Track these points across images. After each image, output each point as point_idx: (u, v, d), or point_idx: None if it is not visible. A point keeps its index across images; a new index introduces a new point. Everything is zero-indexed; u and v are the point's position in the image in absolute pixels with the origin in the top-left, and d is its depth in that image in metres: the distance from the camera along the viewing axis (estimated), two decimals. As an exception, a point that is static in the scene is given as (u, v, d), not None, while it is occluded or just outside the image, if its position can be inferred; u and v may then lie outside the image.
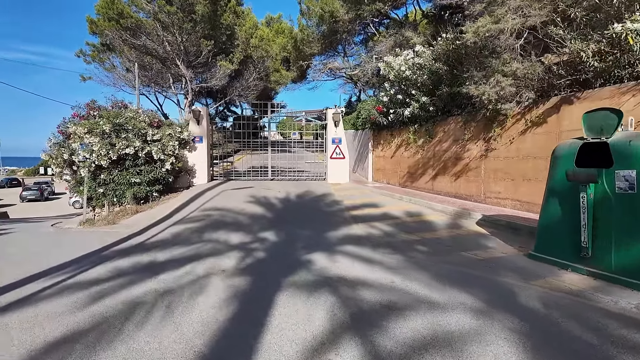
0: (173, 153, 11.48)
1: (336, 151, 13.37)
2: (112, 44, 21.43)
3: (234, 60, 20.58)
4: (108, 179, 10.83)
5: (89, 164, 10.44)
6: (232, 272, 4.66)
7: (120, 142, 10.52)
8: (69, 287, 4.33)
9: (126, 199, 11.12)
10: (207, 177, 13.24)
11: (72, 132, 10.73)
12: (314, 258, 5.19)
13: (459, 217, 7.81)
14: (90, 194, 11.05)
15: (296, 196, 10.77)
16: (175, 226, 7.70)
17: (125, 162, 10.92)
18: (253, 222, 7.85)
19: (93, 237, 7.56)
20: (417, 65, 10.17)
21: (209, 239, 6.50)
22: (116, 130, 10.78)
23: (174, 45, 19.94)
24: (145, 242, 6.60)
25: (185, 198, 10.78)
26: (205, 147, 13.08)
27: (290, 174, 14.70)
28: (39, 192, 31.47)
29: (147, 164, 11.17)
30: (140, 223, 8.66)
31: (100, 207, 11.42)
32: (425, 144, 10.64)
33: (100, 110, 11.62)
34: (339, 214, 8.56)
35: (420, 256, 5.28)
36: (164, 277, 4.52)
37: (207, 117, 13.22)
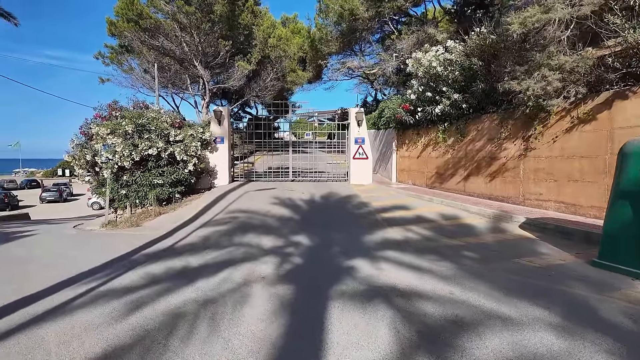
0: (195, 154, 11.29)
1: (359, 151, 13.01)
2: (130, 46, 21.50)
3: (252, 60, 20.41)
4: (130, 180, 10.69)
5: (112, 165, 10.31)
6: (272, 280, 4.36)
7: (143, 143, 10.37)
8: (103, 294, 4.09)
9: (148, 200, 10.97)
10: (228, 178, 13.04)
11: (95, 133, 10.63)
12: (356, 264, 4.86)
13: (499, 220, 7.38)
14: (112, 195, 10.93)
15: (321, 197, 10.46)
16: (203, 229, 7.45)
17: (148, 163, 10.77)
18: (282, 224, 7.57)
19: (119, 239, 7.37)
20: (447, 61, 9.76)
21: (240, 243, 6.23)
22: (139, 131, 10.64)
23: (191, 45, 19.87)
24: (175, 245, 6.36)
25: (209, 200, 10.56)
26: (226, 147, 12.88)
27: (310, 175, 14.40)
28: (58, 194, 31.88)
29: (169, 165, 11.00)
30: (165, 225, 8.45)
31: (122, 208, 11.30)
32: (455, 143, 10.21)
33: (122, 110, 11.52)
34: (369, 217, 8.21)
35: (470, 263, 4.90)
36: (202, 285, 4.24)
37: (228, 118, 13.03)
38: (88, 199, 27.05)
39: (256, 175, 14.09)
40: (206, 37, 19.61)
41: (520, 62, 7.41)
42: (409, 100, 11.26)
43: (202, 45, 19.99)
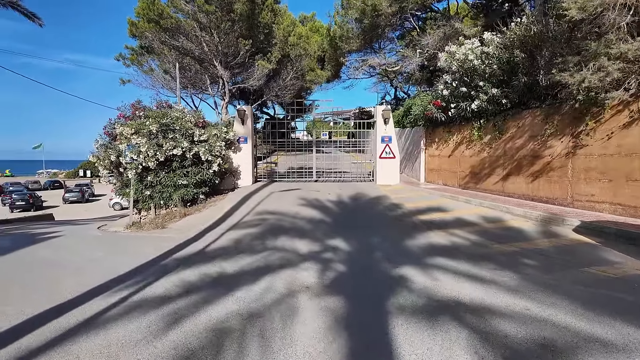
0: (220, 154, 11.03)
1: (386, 150, 12.55)
2: (151, 47, 21.52)
3: (272, 59, 20.13)
4: (155, 181, 10.50)
5: (136, 166, 10.13)
6: (318, 290, 3.98)
7: (167, 143, 10.16)
8: (138, 305, 3.78)
9: (173, 201, 10.77)
10: (251, 179, 12.76)
11: (119, 133, 10.48)
12: (406, 273, 4.43)
13: (548, 223, 6.83)
14: (136, 196, 10.77)
15: (349, 198, 10.05)
16: (233, 232, 7.13)
17: (172, 164, 10.55)
18: (314, 227, 7.19)
19: (146, 242, 7.12)
20: (484, 54, 9.22)
21: (273, 247, 5.88)
22: (163, 131, 10.44)
23: (211, 45, 19.72)
24: (206, 249, 6.05)
25: (234, 201, 10.28)
26: (249, 147, 12.60)
27: (332, 175, 13.99)
28: (80, 194, 32.36)
29: (193, 166, 10.77)
30: (192, 227, 8.19)
31: (146, 209, 11.13)
32: (492, 141, 9.65)
33: (145, 110, 11.35)
34: (405, 219, 7.76)
35: (533, 272, 4.41)
36: (242, 295, 3.89)
37: (251, 117, 12.75)
38: (110, 200, 27.31)
39: (279, 176, 13.77)
40: (226, 36, 19.42)
41: (571, 52, 6.84)
42: (441, 96, 10.74)
43: (222, 45, 19.82)
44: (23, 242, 8.93)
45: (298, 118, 32.76)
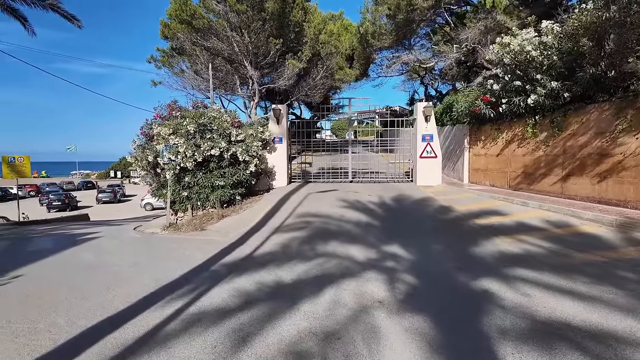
0: (256, 154, 10.75)
1: (427, 149, 11.94)
2: (182, 48, 21.66)
3: (303, 58, 19.81)
4: (192, 182, 10.32)
5: (174, 166, 9.98)
6: (393, 306, 3.53)
7: (205, 143, 9.95)
8: (196, 318, 3.45)
9: (210, 202, 10.57)
10: (286, 179, 12.43)
11: (156, 134, 10.37)
12: (489, 287, 3.92)
13: (627, 228, 6.11)
14: (173, 197, 10.64)
15: (392, 200, 9.53)
16: (277, 235, 6.77)
17: (210, 164, 10.35)
18: (363, 231, 6.73)
19: (188, 245, 6.87)
20: (542, 44, 8.50)
21: (326, 253, 5.47)
22: (200, 131, 10.24)
23: (241, 45, 19.60)
24: (253, 254, 5.71)
25: (271, 202, 9.97)
26: (284, 147, 12.29)
27: (367, 176, 13.47)
28: (112, 195, 33.16)
29: (230, 166, 10.53)
30: (232, 229, 7.91)
31: (182, 210, 10.99)
32: (550, 139, 8.91)
33: (182, 110, 11.23)
34: (461, 223, 7.19)
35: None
36: (309, 309, 3.49)
37: (286, 116, 12.43)
38: (141, 200, 27.76)
39: (312, 176, 13.38)
40: (256, 36, 19.24)
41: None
42: (490, 91, 10.05)
43: (252, 45, 19.66)
44: (65, 243, 8.91)
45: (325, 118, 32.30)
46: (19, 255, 7.37)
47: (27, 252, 7.60)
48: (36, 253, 7.41)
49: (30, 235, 11.22)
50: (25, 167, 15.34)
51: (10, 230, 12.87)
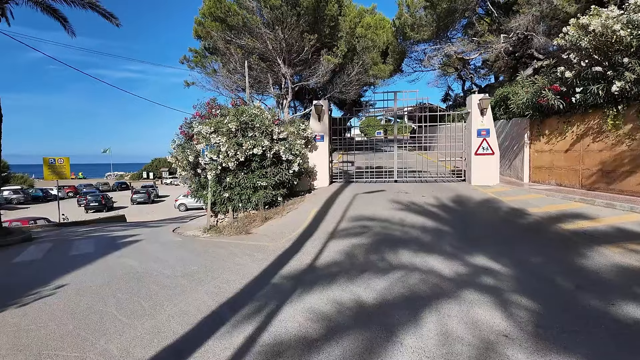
0: (299, 153, 10.12)
1: (482, 146, 10.94)
2: (214, 47, 21.46)
3: (338, 53, 19.13)
4: (234, 183, 9.81)
5: (216, 166, 9.49)
6: (527, 342, 2.75)
7: (247, 142, 9.41)
8: (276, 351, 2.79)
9: (251, 204, 10.04)
10: (327, 179, 11.75)
11: (197, 132, 9.93)
12: (638, 316, 3.05)
13: None
14: (214, 198, 10.18)
15: (452, 202, 8.65)
16: (335, 242, 6.08)
17: (251, 164, 9.81)
18: (434, 238, 5.93)
19: (238, 251, 6.29)
20: (631, 22, 7.39)
21: (400, 264, 4.72)
22: (242, 129, 9.72)
23: (275, 42, 19.10)
24: (315, 264, 5.04)
25: (317, 204, 9.31)
26: (326, 146, 11.61)
27: (412, 175, 12.56)
28: (146, 195, 33.61)
29: (272, 166, 9.96)
30: (280, 234, 7.30)
31: (223, 212, 10.50)
32: (636, 131, 7.78)
33: (222, 108, 10.77)
34: (546, 229, 6.25)
35: None
36: (416, 344, 2.76)
37: (328, 113, 11.74)
38: (175, 201, 27.88)
39: (353, 176, 12.62)
40: (290, 32, 18.68)
41: None
42: (560, 79, 8.97)
43: (286, 42, 19.12)
44: (106, 246, 8.59)
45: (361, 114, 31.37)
46: (62, 260, 7.04)
47: (70, 257, 7.27)
48: (79, 258, 7.07)
49: (71, 237, 11.09)
50: (65, 168, 15.42)
51: (52, 232, 12.88)
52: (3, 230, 10.03)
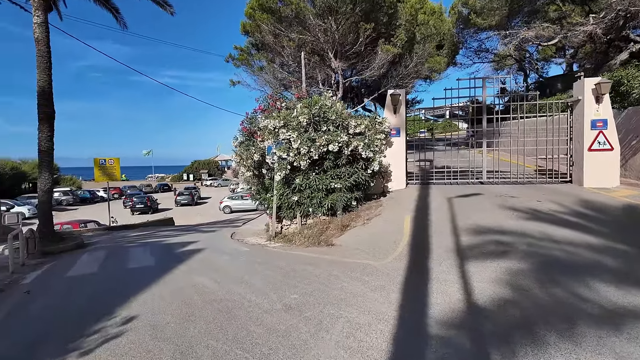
0: (379, 149, 8.67)
1: (599, 140, 9.02)
2: (262, 43, 20.50)
3: (397, 42, 17.56)
4: (304, 184, 8.50)
5: (285, 166, 8.21)
6: None
7: (321, 137, 8.06)
8: None
9: (322, 208, 8.69)
10: (404, 181, 10.21)
11: (262, 128, 8.72)
12: None
13: None
14: (280, 202, 8.92)
15: (584, 208, 6.87)
16: (475, 265, 4.54)
17: (324, 163, 8.47)
18: (617, 261, 4.27)
19: (339, 271, 4.91)
20: None
21: (615, 306, 3.13)
22: (315, 122, 8.39)
23: (328, 33, 17.78)
24: (475, 302, 3.54)
25: (405, 210, 7.82)
26: (402, 142, 10.07)
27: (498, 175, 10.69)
28: (190, 197, 33.37)
29: (348, 165, 8.57)
30: (375, 247, 5.87)
31: (289, 218, 9.22)
32: None
33: (286, 101, 9.53)
34: None
35: None
36: None
37: (405, 104, 10.21)
38: (220, 203, 27.26)
39: (435, 176, 10.97)
40: (345, 21, 17.32)
41: None
42: None
43: (339, 33, 17.76)
44: (167, 257, 7.51)
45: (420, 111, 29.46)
46: (121, 275, 5.96)
47: (129, 272, 6.19)
48: (139, 273, 5.97)
49: (124, 243, 10.24)
50: (115, 169, 14.84)
51: (103, 237, 12.19)
52: (56, 236, 9.27)
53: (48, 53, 9.03)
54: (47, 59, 9.00)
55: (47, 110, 9.03)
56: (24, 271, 6.90)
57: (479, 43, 22.62)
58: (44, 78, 8.96)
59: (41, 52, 8.91)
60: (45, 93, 8.99)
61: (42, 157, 9.02)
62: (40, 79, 8.95)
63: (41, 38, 8.93)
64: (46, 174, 9.05)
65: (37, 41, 8.91)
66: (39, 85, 8.97)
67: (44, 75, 8.96)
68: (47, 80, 9.01)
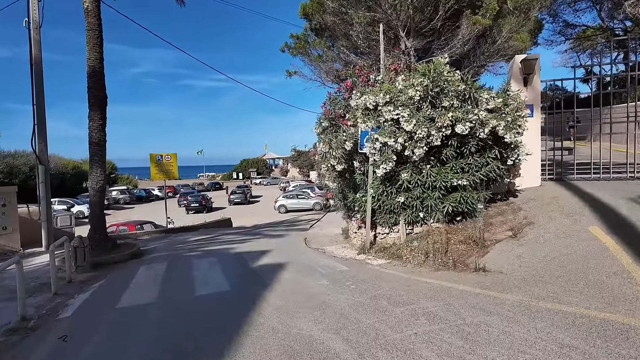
0: (521, 132, 6.27)
1: None
2: (323, 26, 18.57)
3: (487, 14, 14.80)
4: (413, 181, 6.32)
5: (390, 156, 6.08)
6: None
7: (444, 116, 5.82)
8: None
9: (439, 213, 6.47)
10: (538, 176, 7.71)
11: (355, 107, 6.66)
12: None
13: None
14: (377, 203, 6.80)
15: None
16: None
17: (443, 151, 6.23)
18: None
19: (549, 328, 2.70)
20: None
21: None
22: (433, 96, 6.16)
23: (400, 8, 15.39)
24: None
25: (574, 216, 5.39)
26: (537, 123, 7.56)
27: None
28: (243, 196, 32.42)
29: (477, 153, 6.27)
30: (584, 282, 3.57)
31: (387, 224, 7.07)
32: None
33: (381, 74, 7.40)
34: None
35: None
36: None
37: (539, 74, 7.68)
38: (275, 202, 25.81)
39: (578, 172, 8.22)
40: (422, -9, 14.85)
41: None
42: None
43: (413, 6, 15.31)
44: (240, 277, 5.67)
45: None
46: (191, 312, 4.13)
47: (200, 304, 4.36)
48: (215, 308, 4.13)
49: (185, 252, 8.66)
50: (173, 166, 13.59)
51: (161, 242, 10.84)
52: (109, 242, 7.83)
53: (99, 26, 7.60)
54: (97, 33, 7.57)
55: (99, 94, 7.61)
56: (69, 292, 5.40)
57: (572, 14, 19.06)
58: (95, 56, 7.54)
59: (91, 24, 7.49)
60: (96, 74, 7.57)
61: (93, 149, 7.61)
62: (90, 57, 7.53)
63: (91, 8, 7.51)
64: (98, 170, 7.62)
65: (87, 12, 7.49)
66: (88, 65, 7.56)
67: (94, 53, 7.53)
68: (98, 58, 7.58)
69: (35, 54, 7.56)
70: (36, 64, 7.56)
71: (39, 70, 7.60)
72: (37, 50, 7.58)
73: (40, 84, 7.62)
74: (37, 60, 7.56)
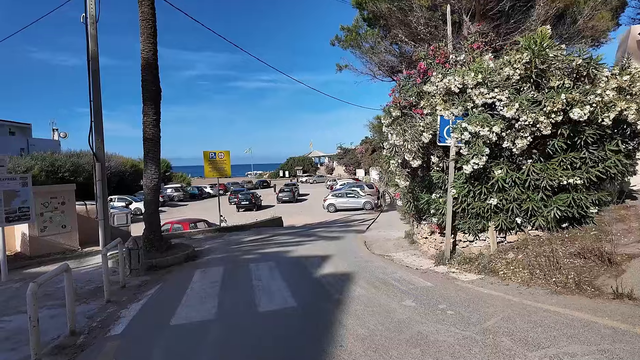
0: (654, 116, 4.92)
1: None
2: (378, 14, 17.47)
3: (569, -13, 12.96)
4: (509, 179, 5.20)
5: (482, 148, 5.01)
6: None
7: (555, 98, 4.65)
8: None
9: (541, 219, 5.30)
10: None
11: (436, 91, 5.66)
12: None
13: None
14: (459, 206, 5.75)
15: None
16: None
17: (548, 142, 5.06)
18: None
19: None
20: None
21: None
22: (538, 75, 5.00)
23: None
24: None
25: None
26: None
27: None
28: (291, 194, 32.16)
29: (593, 145, 5.02)
30: None
31: (472, 231, 5.99)
32: None
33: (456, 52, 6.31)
34: None
35: None
36: None
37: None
38: (323, 201, 25.13)
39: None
40: (491, -31, 13.30)
41: None
42: None
43: (480, -15, 13.78)
44: (306, 290, 4.92)
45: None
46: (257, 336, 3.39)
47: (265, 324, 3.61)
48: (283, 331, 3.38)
49: (242, 254, 8.13)
50: (226, 163, 13.31)
51: (215, 242, 10.49)
52: (163, 243, 7.45)
53: (153, 16, 7.22)
54: (151, 23, 7.19)
55: (153, 88, 7.24)
56: (121, 300, 4.96)
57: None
58: (149, 47, 7.17)
59: (145, 14, 7.12)
60: (150, 66, 7.20)
61: (147, 146, 7.27)
62: (144, 49, 7.17)
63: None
64: (152, 167, 7.27)
65: (141, 1, 7.13)
66: (142, 58, 7.22)
67: (148, 44, 7.17)
68: (152, 49, 7.20)
69: (92, 48, 7.37)
70: (93, 59, 7.37)
71: (95, 66, 7.41)
72: (94, 45, 7.38)
73: (96, 80, 7.42)
74: (93, 56, 7.38)
